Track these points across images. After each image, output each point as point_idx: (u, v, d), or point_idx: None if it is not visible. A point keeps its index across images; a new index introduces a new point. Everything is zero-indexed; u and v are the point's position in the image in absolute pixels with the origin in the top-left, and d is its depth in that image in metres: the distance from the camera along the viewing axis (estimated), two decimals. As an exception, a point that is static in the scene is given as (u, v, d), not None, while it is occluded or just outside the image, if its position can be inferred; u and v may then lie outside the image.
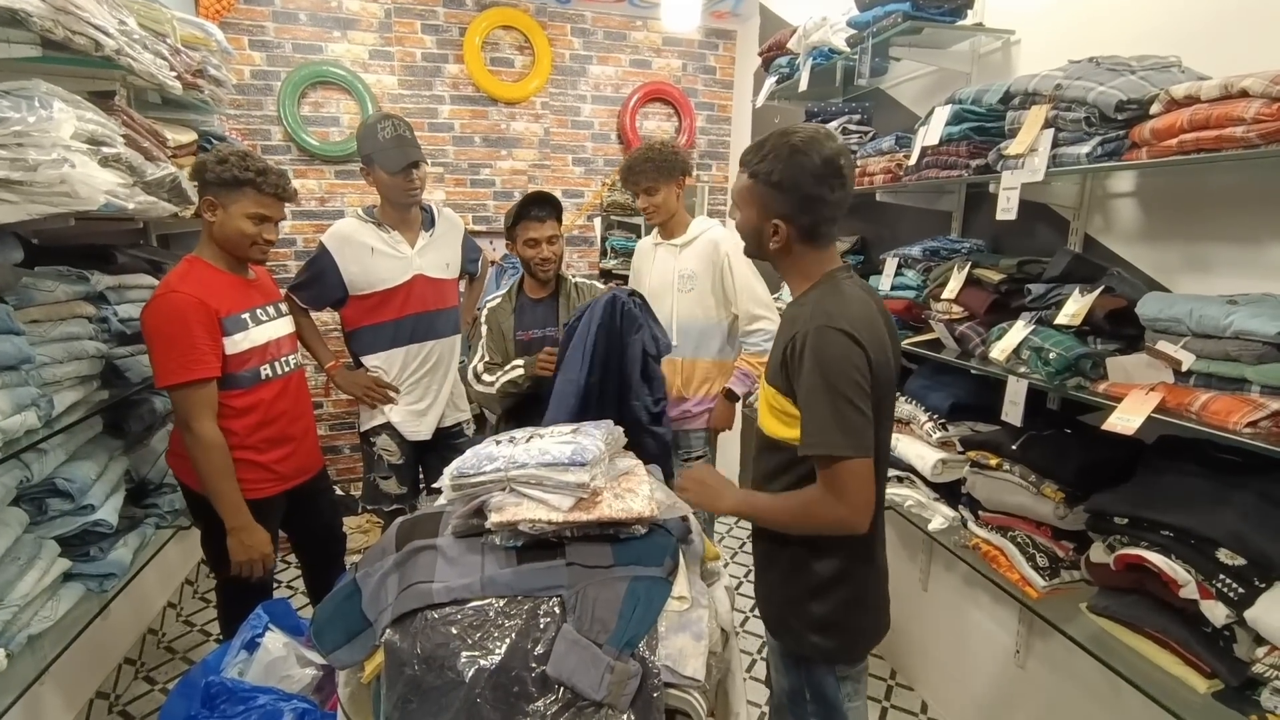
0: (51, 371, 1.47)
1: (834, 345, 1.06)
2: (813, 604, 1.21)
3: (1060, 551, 1.49)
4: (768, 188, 1.14)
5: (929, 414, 1.84)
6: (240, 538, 1.64)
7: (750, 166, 1.17)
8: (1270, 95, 0.99)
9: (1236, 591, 1.09)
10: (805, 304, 1.16)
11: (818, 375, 1.05)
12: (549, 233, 1.96)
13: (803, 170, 1.10)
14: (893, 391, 1.20)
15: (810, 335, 1.07)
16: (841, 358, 1.05)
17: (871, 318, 1.13)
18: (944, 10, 1.82)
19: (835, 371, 1.05)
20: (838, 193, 1.13)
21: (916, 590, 2.26)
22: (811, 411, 1.07)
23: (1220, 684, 1.14)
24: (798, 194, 1.12)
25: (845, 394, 1.04)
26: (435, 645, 0.99)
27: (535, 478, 1.11)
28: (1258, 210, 1.28)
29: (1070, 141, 1.35)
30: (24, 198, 1.24)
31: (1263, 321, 1.04)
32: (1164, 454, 1.34)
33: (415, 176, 1.97)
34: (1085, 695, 1.64)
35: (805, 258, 1.19)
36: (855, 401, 1.05)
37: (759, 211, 1.18)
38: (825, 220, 1.15)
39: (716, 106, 3.77)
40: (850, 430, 1.04)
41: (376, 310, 2.05)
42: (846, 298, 1.13)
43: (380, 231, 2.03)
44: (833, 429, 1.04)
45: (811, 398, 1.06)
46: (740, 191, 1.21)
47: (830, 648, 1.23)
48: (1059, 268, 1.47)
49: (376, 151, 1.93)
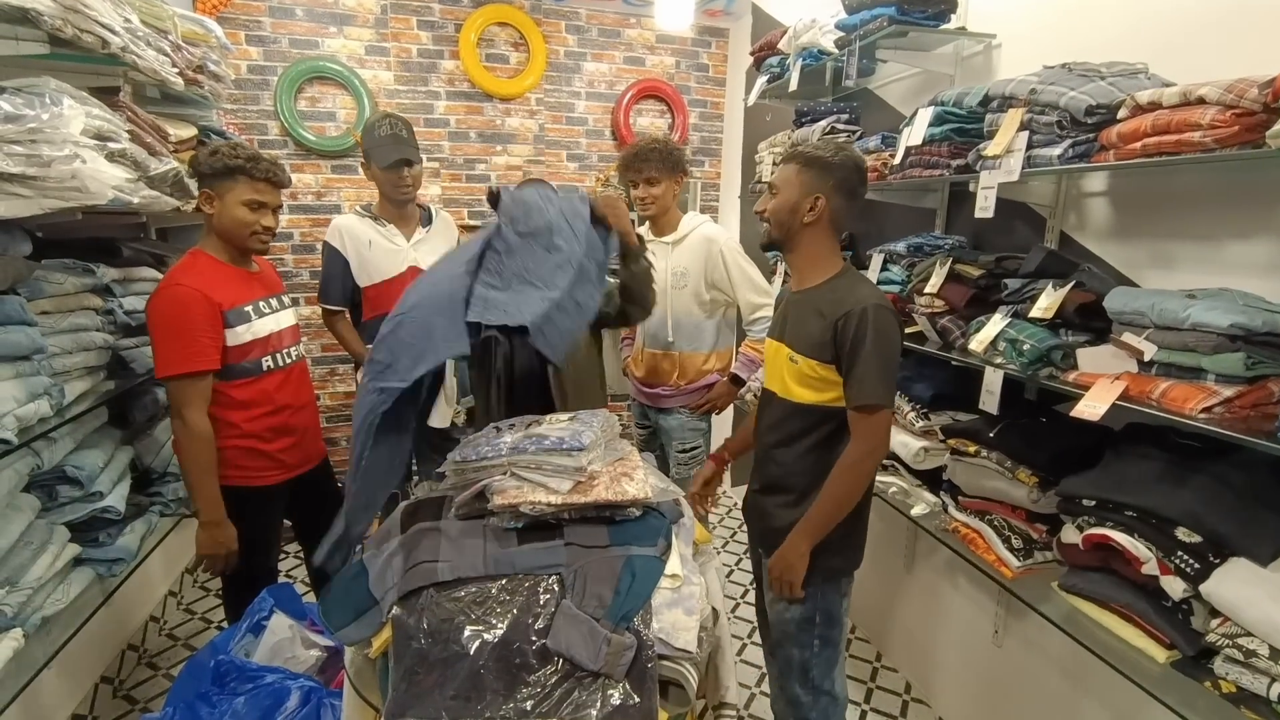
0: (61, 362, 1.51)
1: (890, 320, 1.34)
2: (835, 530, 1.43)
3: (1034, 533, 1.56)
4: (817, 169, 1.40)
5: (912, 404, 1.91)
6: (211, 532, 1.64)
7: (801, 156, 1.42)
8: (1225, 103, 1.06)
9: (1193, 567, 1.17)
10: (839, 289, 1.41)
11: (878, 343, 1.32)
12: None
13: (844, 162, 1.39)
14: None
15: (871, 311, 1.32)
16: (895, 330, 1.36)
17: None
18: (928, 14, 1.87)
19: (891, 341, 1.34)
20: (861, 189, 1.43)
21: (901, 574, 2.33)
22: (868, 371, 1.32)
23: (1178, 654, 1.21)
24: (841, 175, 1.39)
25: (894, 360, 1.36)
26: (440, 620, 1.05)
27: (535, 462, 1.17)
28: (1217, 210, 1.35)
29: (1044, 143, 1.42)
30: (37, 193, 1.28)
31: (1217, 315, 1.10)
32: (1130, 440, 1.42)
33: (407, 174, 2.08)
34: (1058, 671, 1.72)
35: (825, 244, 1.44)
36: (896, 367, 1.37)
37: (801, 188, 1.41)
38: (848, 208, 1.42)
39: (709, 104, 3.82)
40: (892, 388, 1.36)
41: (378, 301, 2.18)
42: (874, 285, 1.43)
43: (377, 225, 2.17)
44: (882, 386, 1.33)
45: (870, 361, 1.32)
46: (784, 176, 1.44)
47: (840, 566, 1.49)
48: (1034, 264, 1.53)
49: (373, 147, 2.07)
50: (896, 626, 2.38)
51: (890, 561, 2.36)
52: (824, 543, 1.43)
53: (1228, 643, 1.11)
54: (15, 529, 1.37)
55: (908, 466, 1.91)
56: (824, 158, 1.39)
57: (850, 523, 1.44)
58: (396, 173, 2.06)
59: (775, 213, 1.45)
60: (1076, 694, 1.67)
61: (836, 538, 1.44)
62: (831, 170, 1.38)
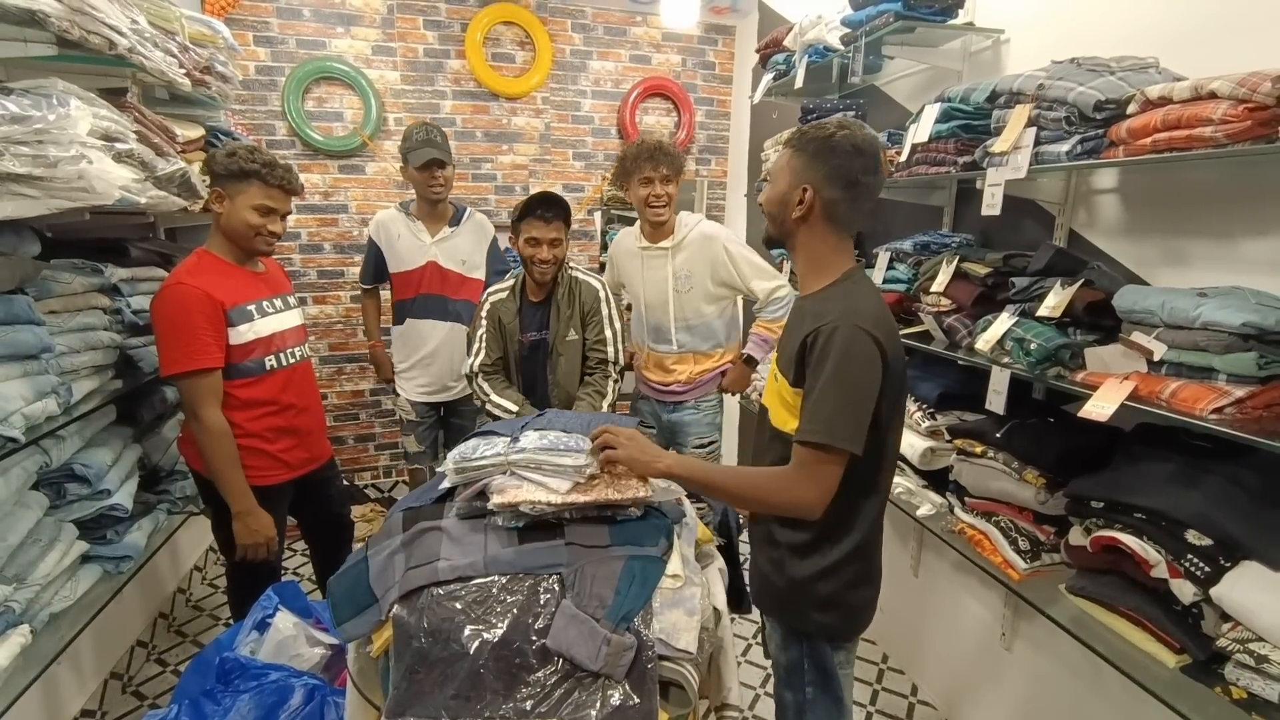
0: (69, 361, 1.53)
1: (861, 347, 1.08)
2: (820, 584, 1.23)
3: (1041, 535, 1.54)
4: (803, 156, 1.16)
5: (918, 404, 1.89)
6: (246, 522, 1.69)
7: (793, 138, 1.19)
8: (1237, 97, 1.03)
9: (1203, 570, 1.15)
10: (830, 299, 1.16)
11: (839, 370, 1.07)
12: (552, 234, 1.94)
13: (839, 145, 1.13)
14: (905, 390, 1.22)
15: (840, 331, 1.08)
16: (866, 361, 1.08)
17: (889, 319, 1.16)
18: (935, 10, 1.86)
19: (857, 370, 1.08)
20: (868, 177, 1.14)
21: (908, 576, 2.31)
22: (823, 401, 1.08)
23: (1188, 658, 1.20)
24: (830, 163, 1.13)
25: (860, 394, 1.08)
26: (441, 619, 1.05)
27: (534, 461, 1.17)
28: (1230, 207, 1.32)
29: (1052, 140, 1.40)
30: (44, 193, 1.29)
31: (1229, 313, 1.08)
32: (1141, 441, 1.40)
33: (439, 175, 2.35)
34: (1067, 674, 1.70)
35: (824, 242, 1.19)
36: (865, 404, 1.09)
37: (790, 179, 1.18)
38: (850, 201, 1.16)
39: (716, 102, 3.81)
40: (855, 427, 1.07)
41: (402, 287, 2.50)
42: (871, 299, 1.16)
43: (408, 220, 2.47)
44: (840, 421, 1.07)
45: (827, 388, 1.08)
46: (778, 163, 1.22)
47: (833, 624, 1.26)
48: (1041, 262, 1.51)
49: (410, 150, 2.35)
50: (903, 628, 2.36)
51: (897, 563, 2.34)
52: (815, 598, 1.24)
53: (1239, 648, 1.09)
54: (24, 526, 1.38)
55: (914, 467, 1.89)
56: (816, 139, 1.14)
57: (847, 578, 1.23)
58: (429, 173, 2.32)
59: (767, 205, 1.24)
60: (1086, 698, 1.65)
61: (828, 594, 1.22)
62: (821, 156, 1.14)
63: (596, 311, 2.05)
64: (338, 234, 3.33)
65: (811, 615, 1.26)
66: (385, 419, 3.57)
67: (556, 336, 2.02)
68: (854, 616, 1.28)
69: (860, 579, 1.26)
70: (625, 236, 2.33)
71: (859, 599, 1.27)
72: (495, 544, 1.14)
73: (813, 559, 1.24)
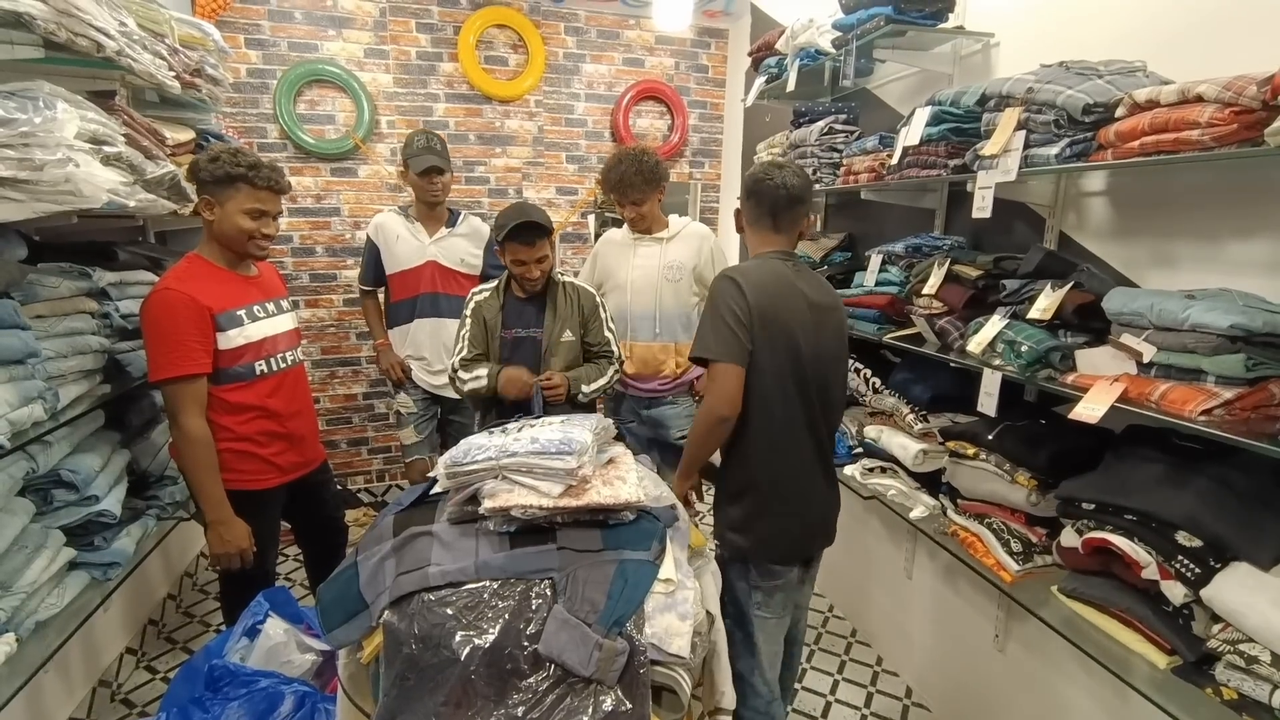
0: (56, 365, 1.51)
1: (723, 286, 1.43)
2: (729, 507, 1.54)
3: (1033, 537, 1.55)
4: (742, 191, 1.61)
5: (911, 406, 1.90)
6: (219, 531, 1.65)
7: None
8: (1223, 101, 1.04)
9: (1194, 571, 1.15)
10: None
11: (710, 304, 1.44)
12: (538, 255, 1.93)
13: (749, 177, 1.57)
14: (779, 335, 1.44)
15: (715, 281, 1.46)
16: (724, 293, 1.42)
17: (775, 284, 1.44)
18: (925, 14, 1.86)
19: (718, 302, 1.42)
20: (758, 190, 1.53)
21: (901, 578, 2.32)
22: (700, 329, 1.45)
23: (1179, 659, 1.20)
24: (746, 186, 1.58)
25: (722, 316, 1.40)
26: (432, 625, 1.04)
27: (526, 465, 1.16)
28: (1217, 209, 1.33)
29: (1041, 143, 1.40)
30: (30, 196, 1.28)
31: (1217, 315, 1.09)
32: (1131, 442, 1.40)
33: (437, 180, 2.44)
34: (1060, 675, 1.70)
35: (753, 239, 1.58)
36: (728, 323, 1.39)
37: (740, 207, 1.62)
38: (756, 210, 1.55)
39: (709, 104, 3.82)
40: (721, 341, 1.40)
41: (400, 287, 2.56)
42: (757, 267, 1.48)
43: (406, 222, 2.54)
44: (710, 339, 1.41)
45: (701, 320, 1.45)
46: None
47: (741, 545, 1.51)
48: (1032, 264, 1.52)
49: (410, 156, 2.44)
50: (896, 630, 2.36)
51: (890, 565, 2.34)
52: (726, 518, 1.53)
53: (1229, 649, 1.09)
54: (9, 533, 1.36)
55: (907, 469, 1.89)
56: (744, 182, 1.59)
57: (749, 504, 1.49)
58: (428, 178, 2.42)
59: None
60: (1078, 699, 1.65)
61: (736, 516, 1.51)
62: (743, 188, 1.60)
63: (596, 316, 2.07)
64: (330, 237, 3.32)
65: (726, 535, 1.54)
66: (378, 423, 3.55)
67: (551, 336, 2.01)
68: (767, 544, 1.50)
69: (767, 508, 1.49)
70: (615, 232, 2.47)
71: (768, 529, 1.50)
72: (486, 549, 1.13)
73: (723, 483, 1.57)
